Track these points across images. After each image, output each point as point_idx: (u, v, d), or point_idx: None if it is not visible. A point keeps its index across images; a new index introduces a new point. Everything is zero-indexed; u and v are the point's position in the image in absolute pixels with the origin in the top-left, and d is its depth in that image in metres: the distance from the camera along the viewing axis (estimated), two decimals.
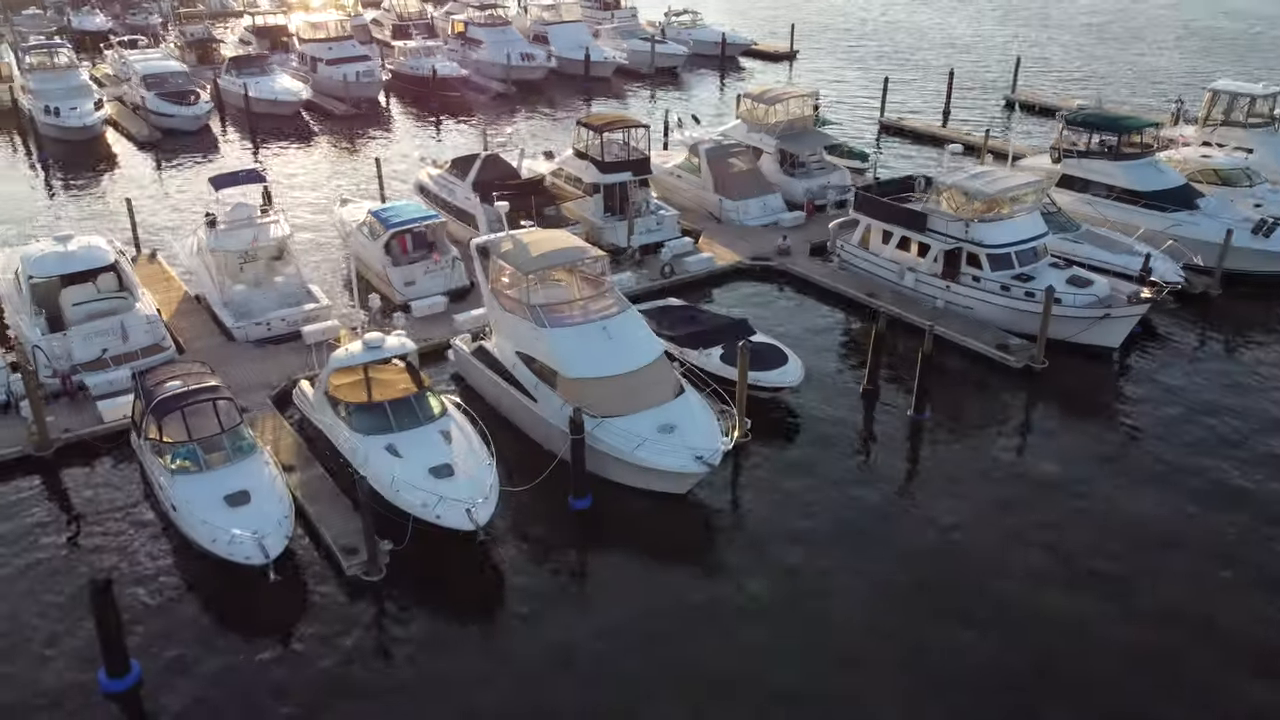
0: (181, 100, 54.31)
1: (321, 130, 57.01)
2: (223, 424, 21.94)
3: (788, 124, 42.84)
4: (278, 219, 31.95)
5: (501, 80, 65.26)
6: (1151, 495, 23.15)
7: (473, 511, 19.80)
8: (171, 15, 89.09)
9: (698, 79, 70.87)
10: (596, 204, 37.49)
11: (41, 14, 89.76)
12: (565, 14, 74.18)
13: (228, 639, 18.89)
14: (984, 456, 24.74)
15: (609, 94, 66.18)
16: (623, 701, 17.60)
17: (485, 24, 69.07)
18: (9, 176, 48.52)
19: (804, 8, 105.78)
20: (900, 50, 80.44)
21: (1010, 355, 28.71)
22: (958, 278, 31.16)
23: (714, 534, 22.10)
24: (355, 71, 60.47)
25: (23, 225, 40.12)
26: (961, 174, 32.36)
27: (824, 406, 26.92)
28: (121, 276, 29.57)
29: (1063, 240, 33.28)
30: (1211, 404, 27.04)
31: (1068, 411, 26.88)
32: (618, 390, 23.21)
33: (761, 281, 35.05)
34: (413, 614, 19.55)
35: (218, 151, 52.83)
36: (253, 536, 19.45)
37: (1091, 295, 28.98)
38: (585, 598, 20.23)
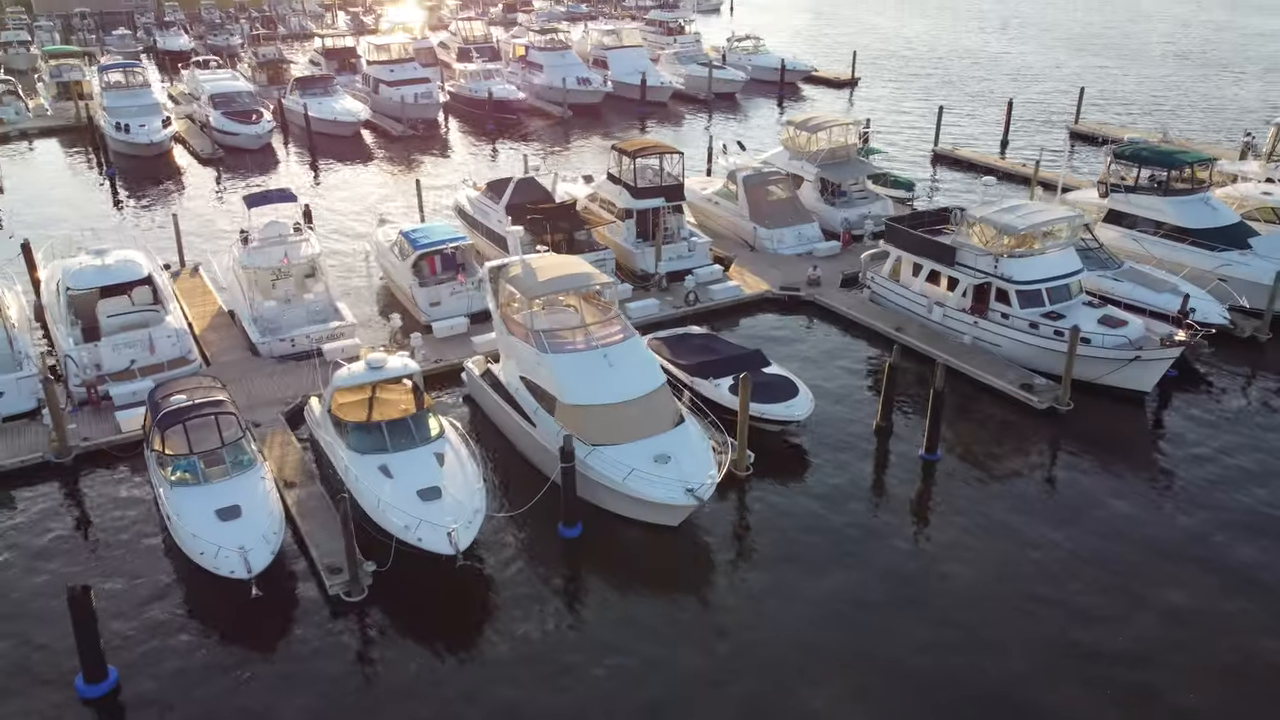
0: (245, 119, 56.11)
1: (378, 150, 58.32)
2: (224, 438, 22.39)
3: (829, 152, 42.38)
4: (308, 237, 32.67)
5: (558, 104, 65.96)
6: (1172, 562, 21.86)
7: (453, 535, 19.80)
8: (248, 37, 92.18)
9: (756, 105, 70.67)
10: (629, 229, 37.52)
11: (130, 34, 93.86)
12: (626, 39, 74.73)
13: (207, 650, 19.15)
14: (995, 503, 23.82)
15: (665, 119, 66.42)
16: None
17: (545, 48, 70.00)
18: (79, 189, 50.67)
19: (870, 34, 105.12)
20: (965, 79, 79.14)
21: (1034, 396, 27.75)
22: (986, 314, 30.31)
23: (704, 569, 21.67)
24: (414, 93, 61.77)
25: (83, 236, 41.68)
26: (993, 207, 31.52)
27: (834, 442, 26.35)
28: (156, 290, 30.50)
29: (1102, 278, 32.16)
30: (1249, 456, 25.68)
31: (1091, 458, 25.80)
32: (614, 418, 23.06)
33: (790, 312, 34.58)
34: (389, 636, 19.58)
35: (276, 169, 54.43)
36: (238, 550, 19.74)
37: (1122, 336, 27.87)
38: (566, 628, 19.96)
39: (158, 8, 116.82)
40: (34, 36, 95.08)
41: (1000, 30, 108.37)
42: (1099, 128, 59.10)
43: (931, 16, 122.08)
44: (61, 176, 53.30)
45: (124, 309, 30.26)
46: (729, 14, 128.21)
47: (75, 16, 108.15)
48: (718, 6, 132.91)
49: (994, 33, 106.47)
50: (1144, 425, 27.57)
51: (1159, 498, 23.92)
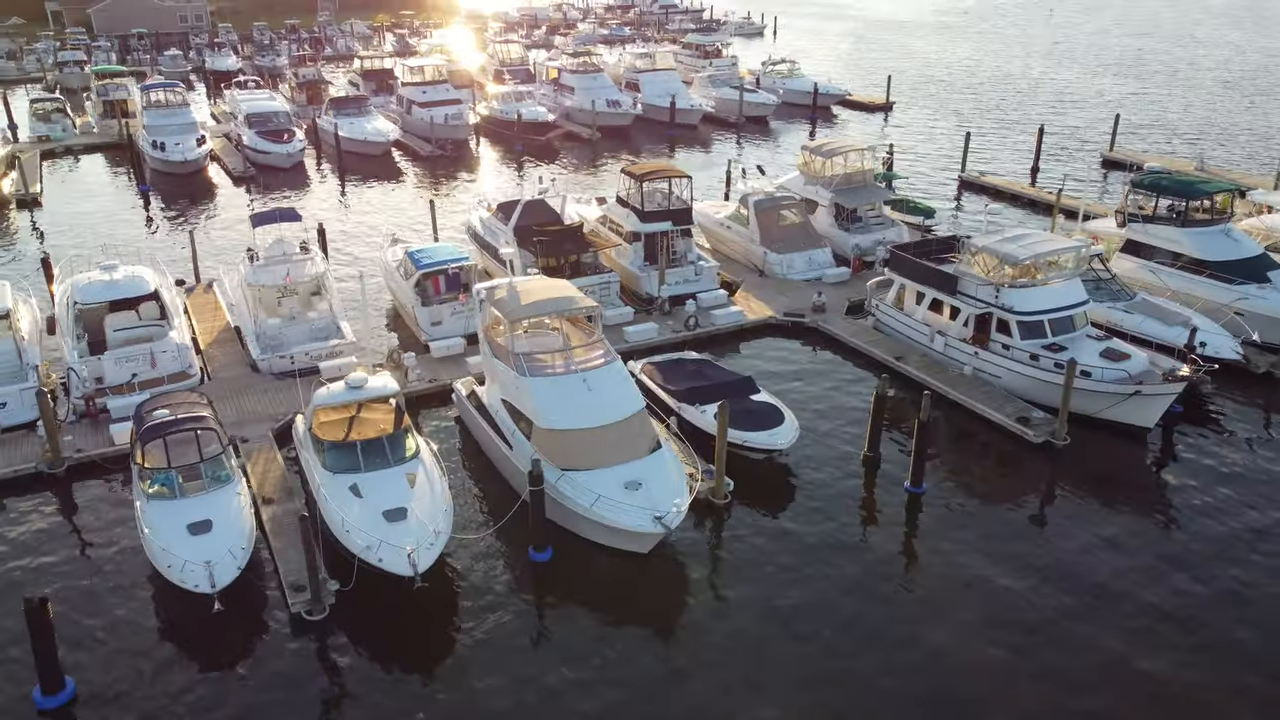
0: (277, 138, 57.28)
1: (407, 170, 59.13)
2: (203, 454, 22.69)
3: (844, 177, 42.03)
4: (313, 257, 33.15)
5: (587, 126, 66.40)
6: (1148, 616, 21.18)
7: (413, 556, 19.81)
8: (293, 58, 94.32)
9: (787, 129, 70.44)
10: (636, 252, 37.52)
11: (180, 54, 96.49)
12: (659, 62, 75.09)
13: (166, 664, 19.33)
14: (978, 540, 23.21)
15: (694, 142, 66.51)
16: None
17: (577, 71, 70.57)
18: (115, 204, 52.08)
19: (912, 59, 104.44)
20: (1003, 104, 78.17)
21: (1030, 429, 27.09)
22: (988, 344, 29.72)
23: (673, 598, 21.42)
24: (444, 114, 62.61)
25: (110, 249, 42.77)
26: (996, 236, 30.97)
27: (820, 471, 25.96)
28: (162, 305, 31.15)
29: (1112, 310, 31.42)
30: (1255, 497, 24.77)
31: (1083, 497, 25.07)
32: (588, 443, 22.96)
33: (793, 338, 34.23)
34: (348, 656, 19.61)
35: (306, 187, 55.42)
36: (204, 565, 19.95)
37: (1122, 370, 27.13)
38: (528, 653, 19.82)
39: (211, 29, 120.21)
40: (91, 56, 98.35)
41: (1045, 56, 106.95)
42: (1133, 155, 57.92)
43: (976, 41, 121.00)
44: (100, 192, 54.85)
45: (130, 323, 30.96)
46: (772, 38, 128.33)
47: (133, 37, 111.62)
48: (761, 30, 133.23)
49: (1038, 58, 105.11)
50: (1143, 464, 26.74)
51: (1148, 545, 23.01)
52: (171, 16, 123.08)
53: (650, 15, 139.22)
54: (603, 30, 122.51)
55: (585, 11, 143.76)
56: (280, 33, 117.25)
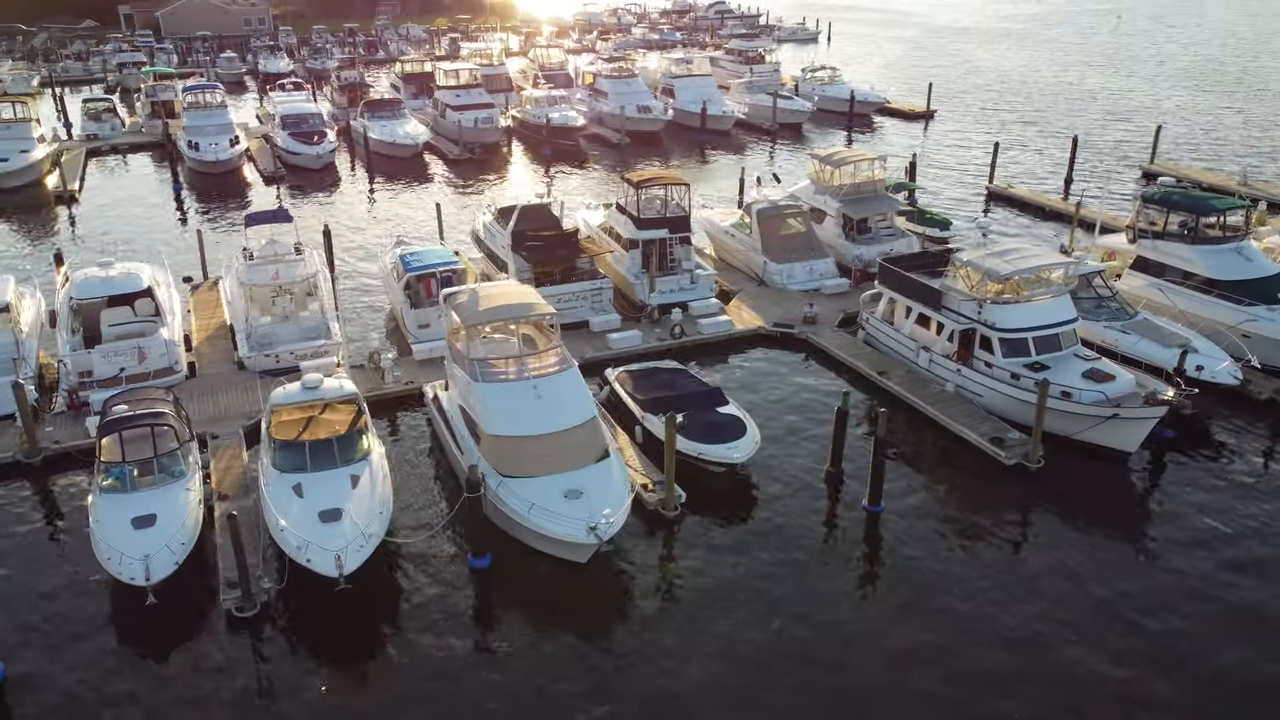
0: (308, 140, 58.43)
1: (437, 173, 59.85)
2: (157, 449, 23.15)
3: (853, 187, 41.37)
4: (304, 258, 33.68)
5: (617, 131, 66.48)
6: (1100, 655, 20.41)
7: (341, 558, 19.96)
8: (349, 60, 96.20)
9: (823, 136, 69.66)
10: (634, 259, 37.37)
11: (236, 57, 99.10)
12: (696, 68, 74.85)
13: (98, 653, 19.74)
14: (933, 563, 22.55)
15: (725, 148, 66.18)
16: None
17: (611, 76, 70.70)
18: (149, 202, 53.70)
19: (965, 67, 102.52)
20: (1049, 115, 76.18)
21: (1002, 450, 26.28)
22: (971, 361, 28.94)
23: (608, 610, 21.22)
24: (474, 118, 63.24)
25: (111, 246, 44.04)
26: (982, 249, 30.16)
27: (781, 486, 25.51)
28: (156, 302, 31.95)
29: (1108, 328, 30.38)
30: (1239, 532, 23.61)
31: (1052, 521, 24.24)
32: (534, 450, 22.90)
33: (781, 349, 33.76)
34: (273, 654, 19.82)
35: (335, 188, 56.46)
36: (142, 558, 20.36)
37: (1099, 392, 26.17)
38: (456, 659, 19.77)
39: (272, 32, 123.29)
40: (153, 58, 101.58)
41: (1103, 65, 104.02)
42: (1173, 168, 56.00)
43: (1035, 49, 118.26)
44: (136, 189, 56.57)
45: (125, 319, 31.78)
46: (825, 44, 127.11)
47: (197, 40, 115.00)
48: (814, 36, 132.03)
49: (1097, 67, 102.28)
50: (1122, 491, 25.72)
51: (1112, 578, 22.03)
52: (235, 20, 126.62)
53: (704, 20, 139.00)
54: (653, 35, 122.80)
55: (640, 16, 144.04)
56: (339, 36, 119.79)
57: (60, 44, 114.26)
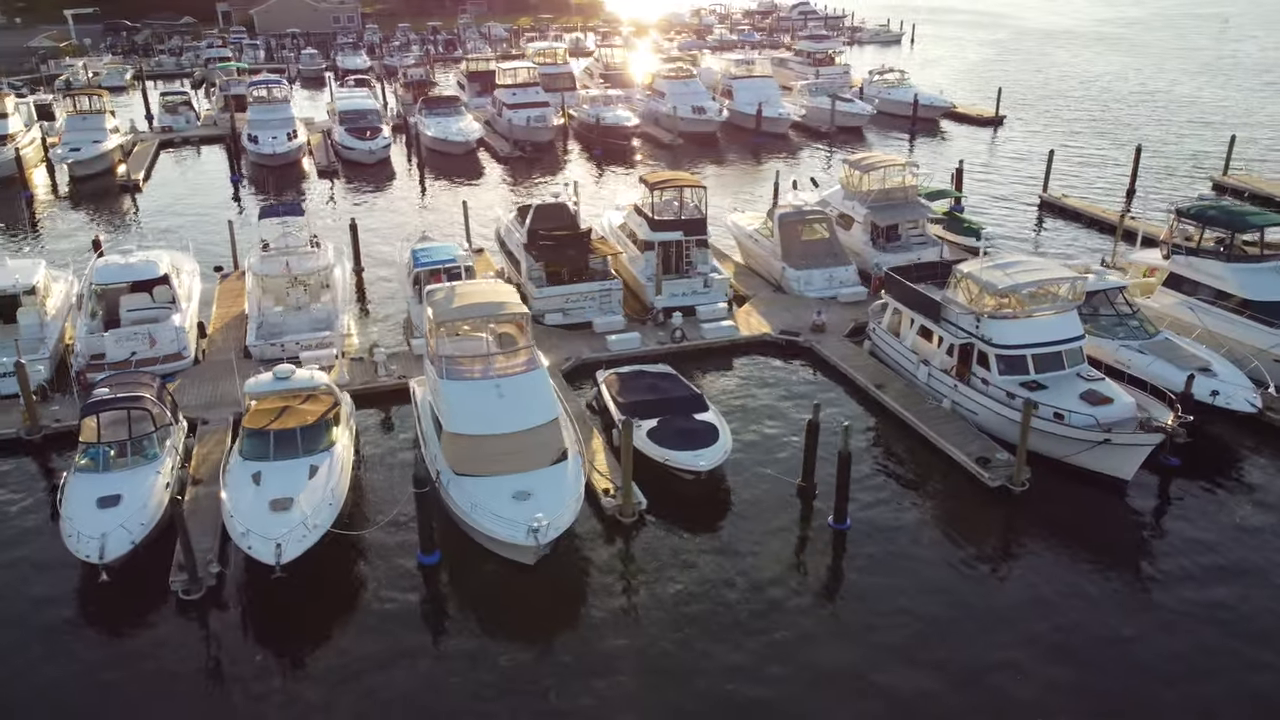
0: (361, 135, 59.74)
1: (489, 169, 60.45)
2: (132, 431, 23.90)
3: (882, 193, 40.28)
4: (315, 252, 34.38)
5: (669, 131, 66.22)
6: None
7: (280, 547, 20.27)
8: (420, 58, 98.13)
9: (884, 140, 68.10)
10: (647, 261, 37.09)
11: (317, 53, 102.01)
12: (757, 69, 74.02)
13: (47, 628, 20.41)
14: (891, 586, 21.68)
15: (779, 150, 65.22)
16: None
17: (669, 76, 70.41)
18: (209, 191, 55.63)
19: (1049, 72, 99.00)
20: (1127, 122, 72.93)
21: (986, 471, 25.20)
22: (968, 377, 27.86)
23: (550, 613, 21.05)
24: (527, 116, 63.72)
25: (185, 234, 45.72)
26: (984, 261, 28.99)
27: (751, 498, 24.95)
28: (172, 289, 33.05)
29: (1122, 348, 28.86)
30: (1237, 571, 22.10)
31: (1028, 549, 23.13)
32: (489, 450, 22.87)
33: (785, 358, 33.06)
34: (212, 636, 20.25)
35: (387, 182, 57.48)
36: (99, 536, 21.03)
37: (1089, 415, 24.85)
38: (387, 652, 19.83)
39: (359, 30, 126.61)
40: (241, 54, 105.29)
41: (1200, 72, 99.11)
42: (1247, 180, 53.02)
43: (1130, 54, 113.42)
44: (198, 180, 58.71)
45: (144, 305, 32.97)
46: (909, 46, 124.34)
47: (286, 37, 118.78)
48: (898, 38, 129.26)
49: (1192, 74, 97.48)
50: (1110, 520, 24.36)
51: (1085, 612, 20.93)
52: (325, 18, 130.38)
53: (786, 21, 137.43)
54: (730, 35, 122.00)
55: (723, 16, 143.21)
56: (421, 34, 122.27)
57: (160, 40, 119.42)
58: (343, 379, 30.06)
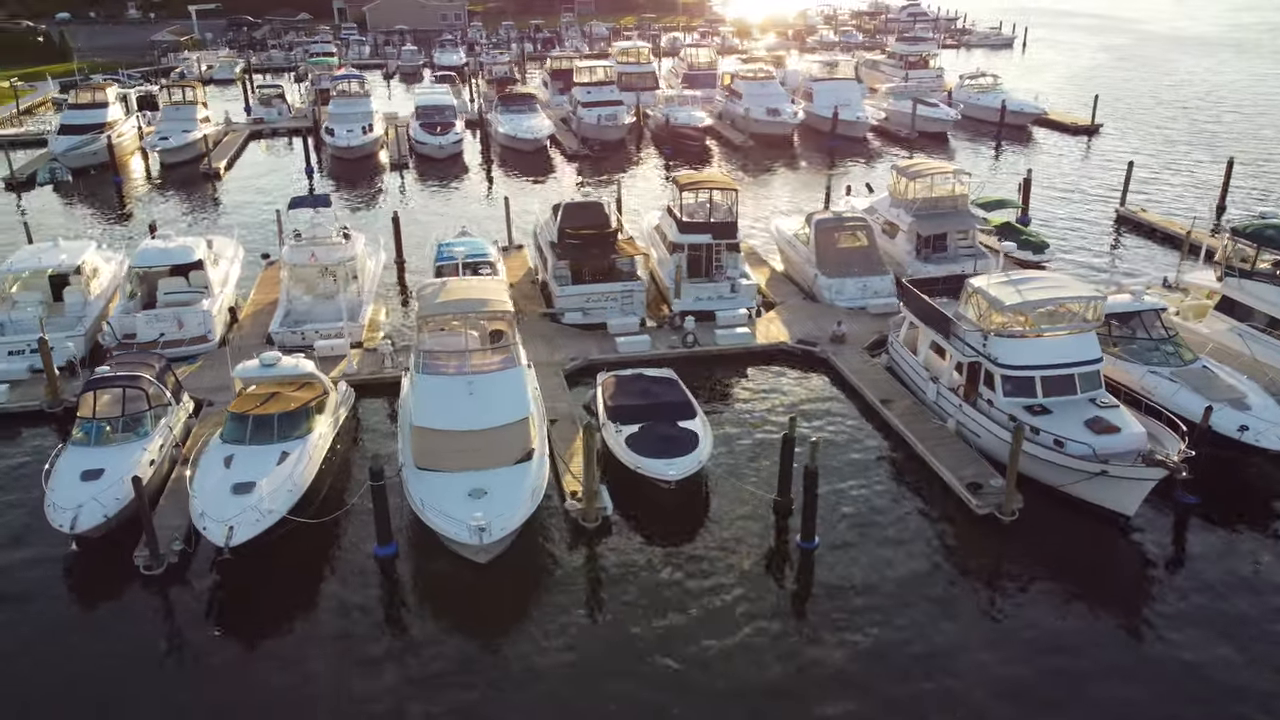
0: (433, 130, 60.92)
1: (559, 166, 60.74)
2: (125, 409, 24.83)
3: (929, 201, 38.73)
4: (342, 243, 35.10)
5: (741, 133, 65.36)
6: None
7: (232, 530, 20.71)
8: (518, 56, 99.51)
9: (968, 147, 65.66)
10: (676, 263, 36.54)
11: (417, 49, 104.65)
12: (841, 71, 72.37)
13: (13, 595, 21.34)
14: (846, 612, 20.72)
15: (855, 154, 63.58)
16: None
17: (746, 77, 69.48)
18: (278, 181, 57.54)
19: (1167, 79, 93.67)
20: (1236, 133, 68.37)
21: (975, 498, 23.89)
22: (975, 398, 26.48)
23: (496, 615, 20.88)
24: (598, 115, 63.87)
25: (241, 220, 47.47)
26: (997, 275, 27.48)
27: (725, 510, 24.29)
28: (206, 274, 34.29)
29: (1151, 374, 26.97)
30: (1242, 625, 20.34)
31: (1006, 583, 21.79)
32: (453, 446, 22.87)
33: (800, 368, 32.11)
34: (167, 612, 20.85)
35: (454, 177, 58.36)
36: (73, 508, 21.91)
37: (1086, 445, 23.25)
38: (325, 640, 20.06)
39: (463, 27, 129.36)
40: (348, 49, 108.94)
41: None
42: None
43: (1260, 61, 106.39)
44: (276, 169, 60.87)
45: (180, 288, 34.33)
46: (1020, 50, 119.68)
47: (394, 33, 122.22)
48: (1010, 42, 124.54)
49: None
50: (1103, 558, 22.72)
51: (1058, 657, 19.60)
52: (433, 15, 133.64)
53: (895, 22, 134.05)
54: (833, 37, 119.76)
55: (829, 17, 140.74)
56: (523, 32, 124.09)
57: (277, 35, 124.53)
58: (350, 369, 30.64)
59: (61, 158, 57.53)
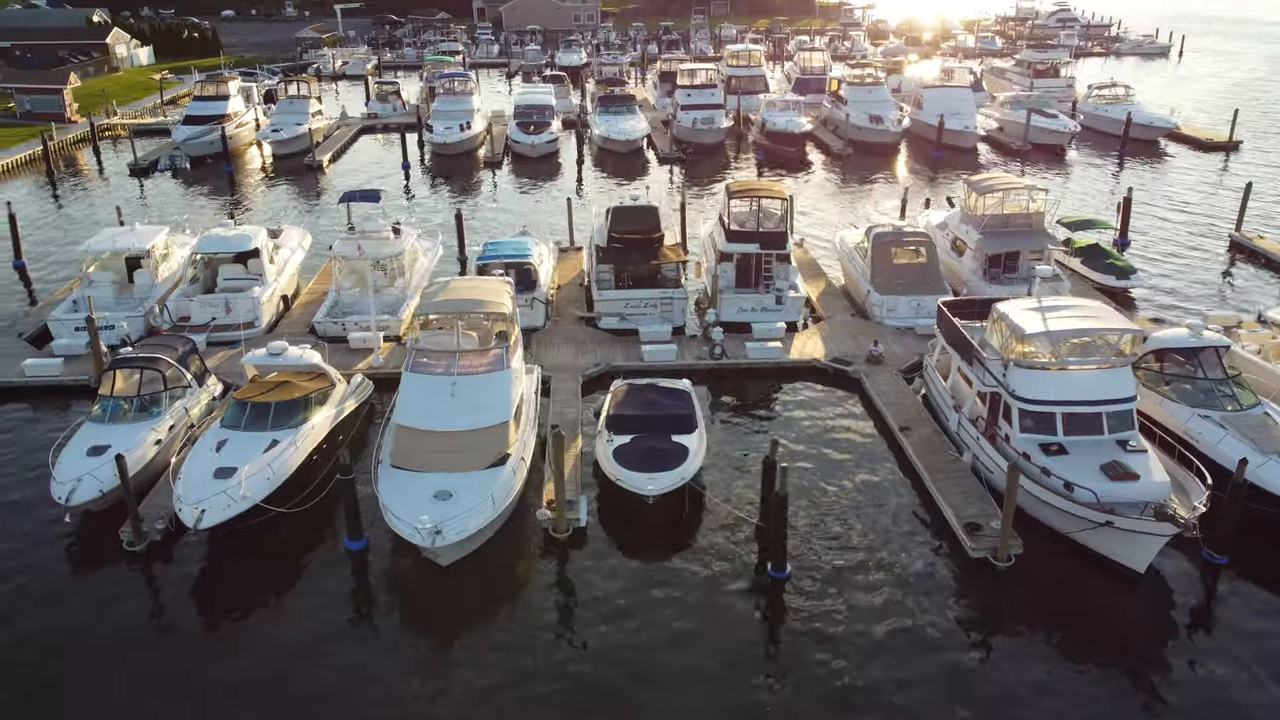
0: (527, 129, 61.66)
1: (653, 168, 60.43)
2: (141, 390, 25.95)
3: (999, 218, 36.50)
4: (390, 237, 35.76)
5: (840, 140, 63.51)
6: None
7: (203, 514, 21.29)
8: (636, 57, 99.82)
9: (1087, 162, 61.77)
10: (723, 272, 35.68)
11: (538, 49, 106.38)
12: (956, 79, 69.37)
13: (13, 554, 22.63)
14: (812, 648, 19.63)
15: (959, 166, 60.62)
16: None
17: (854, 83, 67.46)
18: (373, 174, 59.40)
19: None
20: None
21: (970, 539, 22.24)
22: (994, 431, 24.69)
23: (448, 618, 20.77)
24: (694, 118, 63.28)
25: (320, 212, 49.27)
26: (1024, 301, 25.49)
27: (710, 530, 23.44)
28: (261, 262, 35.62)
29: (1198, 417, 24.57)
30: (1269, 712, 18.33)
31: (986, 634, 20.15)
32: (428, 445, 22.88)
33: (830, 387, 30.76)
34: (144, 588, 21.65)
35: (545, 176, 58.72)
36: (72, 480, 23.00)
37: (1090, 491, 21.24)
38: (288, 626, 20.40)
39: (595, 29, 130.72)
40: (477, 48, 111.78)
41: None
42: None
43: None
44: (377, 163, 62.89)
45: (239, 275, 35.78)
46: (1175, 60, 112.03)
47: (527, 33, 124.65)
48: (1164, 50, 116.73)
49: None
50: (1101, 620, 20.56)
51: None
52: (566, 16, 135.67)
53: (1042, 28, 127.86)
54: (968, 42, 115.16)
55: (971, 24, 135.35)
56: (655, 34, 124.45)
57: (416, 33, 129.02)
58: (377, 363, 31.19)
59: (182, 146, 61.08)
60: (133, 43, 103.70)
